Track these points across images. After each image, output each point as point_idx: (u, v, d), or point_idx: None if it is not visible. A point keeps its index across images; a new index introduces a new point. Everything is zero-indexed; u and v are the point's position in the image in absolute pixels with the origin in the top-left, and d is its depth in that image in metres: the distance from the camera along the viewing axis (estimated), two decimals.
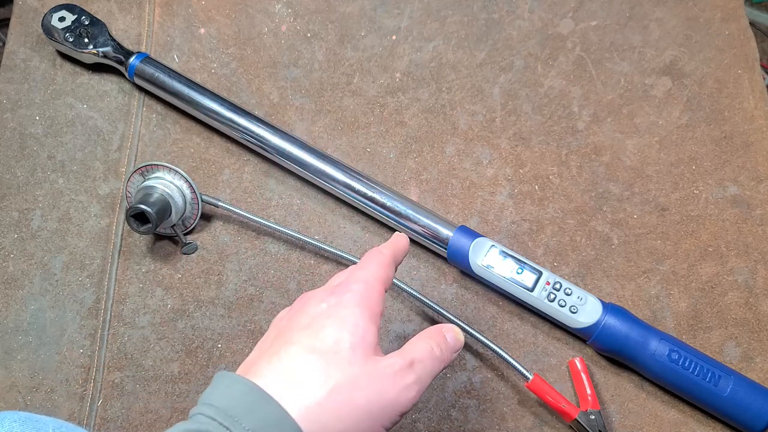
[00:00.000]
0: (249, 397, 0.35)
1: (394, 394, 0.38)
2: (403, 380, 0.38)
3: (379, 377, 0.38)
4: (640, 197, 0.68)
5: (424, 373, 0.40)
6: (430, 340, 0.42)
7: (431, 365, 0.41)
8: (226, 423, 0.34)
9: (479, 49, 0.74)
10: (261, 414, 0.35)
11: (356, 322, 0.39)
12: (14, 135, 0.69)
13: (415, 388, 0.39)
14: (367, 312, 0.40)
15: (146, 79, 0.69)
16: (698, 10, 0.75)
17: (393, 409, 0.38)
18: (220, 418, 0.34)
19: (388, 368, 0.38)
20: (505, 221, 0.67)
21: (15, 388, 0.61)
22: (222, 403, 0.35)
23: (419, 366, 0.40)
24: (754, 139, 0.70)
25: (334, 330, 0.39)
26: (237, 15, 0.75)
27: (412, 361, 0.39)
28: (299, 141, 0.66)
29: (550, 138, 0.70)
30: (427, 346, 0.41)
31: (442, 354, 0.42)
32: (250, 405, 0.35)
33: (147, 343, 0.62)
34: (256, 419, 0.34)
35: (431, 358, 0.41)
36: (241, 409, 0.35)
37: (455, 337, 0.44)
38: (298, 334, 0.39)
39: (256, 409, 0.35)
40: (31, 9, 0.75)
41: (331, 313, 0.40)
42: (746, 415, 0.56)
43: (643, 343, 0.58)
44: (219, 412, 0.35)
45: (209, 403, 0.36)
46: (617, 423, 0.60)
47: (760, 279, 0.65)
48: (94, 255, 0.65)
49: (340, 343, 0.38)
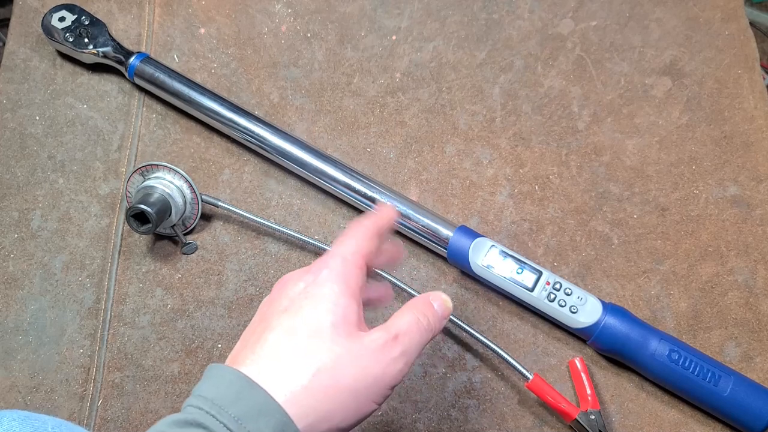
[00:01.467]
0: (236, 385, 0.35)
1: (380, 370, 0.37)
2: (388, 354, 0.38)
3: (363, 354, 0.37)
4: (640, 197, 0.68)
5: (410, 345, 0.39)
6: (416, 311, 0.41)
7: (418, 336, 0.40)
8: (213, 411, 0.34)
9: (479, 49, 0.74)
10: (248, 401, 0.35)
11: (335, 300, 0.38)
12: (14, 135, 0.69)
13: (402, 361, 0.38)
14: (346, 288, 0.39)
15: (146, 79, 0.69)
16: (698, 10, 0.75)
17: (381, 385, 0.38)
18: (207, 407, 0.35)
19: (372, 344, 0.38)
20: (505, 221, 0.67)
21: (15, 388, 0.61)
22: (210, 393, 0.35)
23: (405, 338, 0.39)
24: (754, 139, 0.70)
25: (313, 310, 0.38)
26: (237, 15, 0.75)
27: (397, 334, 0.39)
28: (299, 141, 0.66)
29: (550, 138, 0.70)
30: (413, 317, 0.40)
31: (430, 324, 0.41)
32: (237, 393, 0.35)
33: (147, 343, 0.62)
34: (243, 407, 0.35)
35: (418, 329, 0.40)
36: (228, 398, 0.35)
37: (443, 305, 0.43)
38: (278, 318, 0.39)
39: (242, 397, 0.35)
40: (31, 9, 0.75)
41: (309, 292, 0.39)
42: (746, 415, 0.56)
43: (643, 343, 0.58)
44: (207, 402, 0.35)
45: (199, 394, 0.36)
46: (617, 423, 0.60)
47: (760, 279, 0.65)
48: (94, 255, 0.65)
49: (321, 323, 0.38)
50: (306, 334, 0.37)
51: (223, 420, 0.34)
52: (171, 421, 0.35)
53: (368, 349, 0.38)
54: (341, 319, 0.38)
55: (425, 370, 0.62)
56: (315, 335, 0.37)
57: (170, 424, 0.35)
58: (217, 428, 0.34)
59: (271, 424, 0.34)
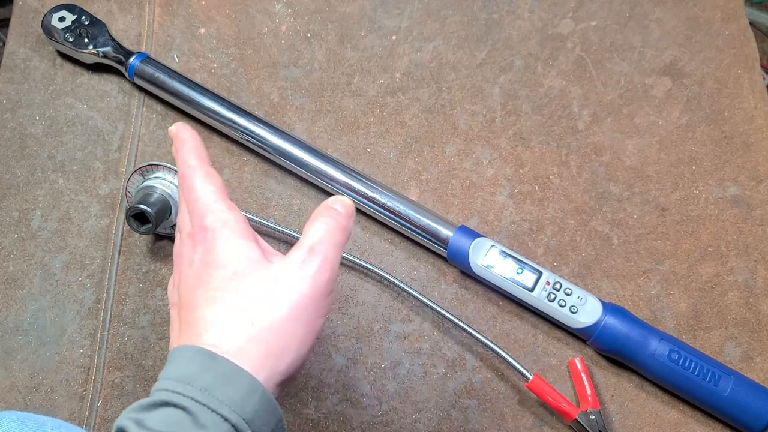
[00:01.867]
0: (196, 360, 0.36)
1: (308, 285, 0.38)
2: (311, 268, 0.38)
3: (287, 279, 0.38)
4: (640, 197, 0.68)
5: (328, 249, 0.39)
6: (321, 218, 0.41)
7: (332, 238, 0.40)
8: (179, 389, 0.34)
9: (479, 49, 0.74)
10: (211, 372, 0.35)
11: (233, 251, 0.39)
12: (14, 135, 0.69)
13: (326, 269, 0.38)
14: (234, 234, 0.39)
15: (146, 79, 0.69)
16: (698, 10, 0.75)
17: (316, 299, 0.38)
18: (172, 387, 0.35)
19: (291, 265, 0.38)
20: (505, 221, 0.67)
21: (15, 388, 0.61)
22: (174, 373, 0.36)
23: (320, 247, 0.39)
24: (754, 139, 0.70)
25: (219, 272, 0.38)
26: (237, 15, 0.75)
27: (311, 245, 0.39)
28: (299, 141, 0.66)
29: (550, 138, 0.70)
30: (320, 224, 0.40)
31: (339, 223, 0.41)
32: (199, 366, 0.35)
33: (147, 343, 0.62)
34: (208, 378, 0.35)
35: (329, 233, 0.40)
36: (192, 373, 0.35)
37: (343, 204, 0.42)
38: (194, 296, 0.39)
39: (205, 368, 0.35)
40: (31, 9, 0.75)
41: (207, 260, 0.39)
42: (746, 415, 0.56)
43: (643, 343, 0.58)
44: (171, 382, 0.35)
45: (164, 377, 0.36)
46: (617, 423, 0.60)
47: (760, 279, 0.65)
48: (94, 255, 0.65)
49: (235, 279, 0.38)
50: (227, 293, 0.37)
51: (190, 394, 0.34)
52: (138, 406, 0.35)
53: (289, 272, 0.38)
54: (247, 263, 0.38)
55: (425, 370, 0.62)
56: (235, 291, 0.37)
57: (137, 409, 0.35)
58: (187, 403, 0.34)
59: (239, 388, 0.35)
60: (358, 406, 0.60)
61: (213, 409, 0.34)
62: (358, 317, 0.63)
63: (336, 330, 0.63)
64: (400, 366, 0.62)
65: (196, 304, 0.38)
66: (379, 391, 0.61)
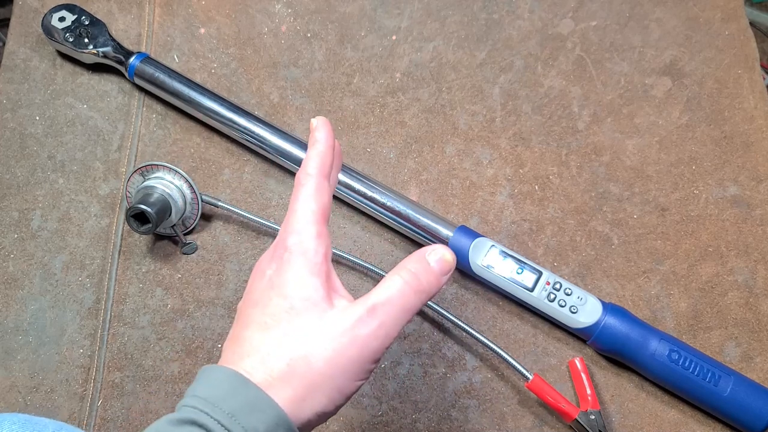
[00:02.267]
0: (227, 383, 0.36)
1: (355, 349, 0.36)
2: (362, 331, 0.36)
3: (335, 334, 0.36)
4: (640, 197, 0.68)
5: (390, 316, 0.36)
6: (404, 273, 0.38)
7: (400, 302, 0.37)
8: (207, 409, 0.34)
9: (479, 49, 0.74)
10: (240, 398, 0.35)
11: (298, 283, 0.37)
12: (14, 135, 0.69)
13: (380, 336, 0.36)
14: (306, 267, 0.38)
15: (146, 79, 0.69)
16: (698, 10, 0.75)
17: (360, 363, 0.36)
18: (201, 405, 0.35)
19: (344, 321, 0.36)
20: (505, 221, 0.67)
21: (15, 388, 0.61)
22: (203, 392, 0.36)
23: (383, 309, 0.36)
24: (754, 139, 0.70)
25: (279, 299, 0.37)
26: (237, 15, 0.75)
27: (374, 305, 0.36)
28: (299, 141, 0.66)
29: (550, 138, 0.70)
30: (399, 282, 0.37)
31: (421, 285, 0.37)
32: (229, 390, 0.35)
33: (147, 343, 0.62)
34: (236, 403, 0.35)
35: (401, 296, 0.37)
36: (220, 395, 0.35)
37: (442, 259, 0.39)
38: (252, 313, 0.38)
39: (235, 393, 0.35)
40: (31, 9, 0.75)
41: (274, 282, 0.38)
42: (746, 415, 0.56)
43: (643, 343, 0.58)
44: (200, 400, 0.35)
45: (192, 394, 0.36)
46: (617, 423, 0.60)
47: (760, 279, 0.65)
48: (94, 255, 0.65)
49: (290, 313, 0.37)
50: (278, 325, 0.37)
51: (216, 417, 0.34)
52: (166, 420, 0.35)
53: (341, 328, 0.36)
54: (305, 302, 0.37)
55: (425, 370, 0.62)
56: (287, 325, 0.37)
57: (165, 424, 0.35)
58: (211, 425, 0.34)
59: (264, 419, 0.34)
60: (358, 406, 0.60)
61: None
62: None
63: None
64: (400, 366, 0.62)
65: (250, 322, 0.38)
66: (379, 391, 0.61)
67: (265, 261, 0.40)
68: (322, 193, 0.40)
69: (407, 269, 0.38)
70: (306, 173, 0.40)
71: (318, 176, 0.40)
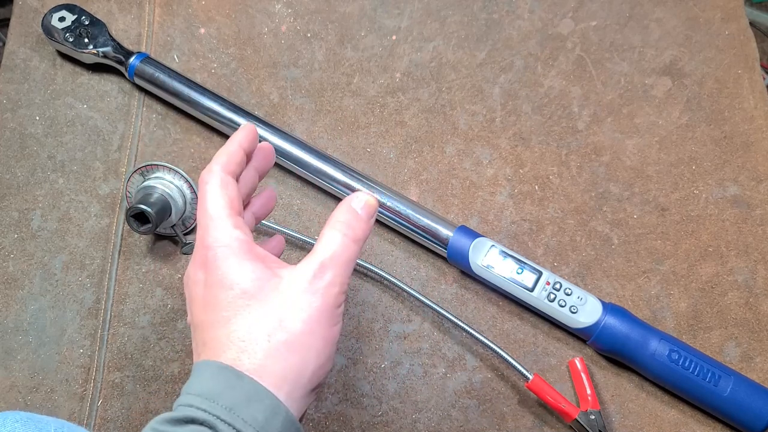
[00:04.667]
0: (221, 377, 0.36)
1: (320, 298, 0.38)
2: (320, 283, 0.38)
3: (297, 295, 0.37)
4: (640, 197, 0.68)
5: (339, 264, 0.39)
6: (339, 226, 0.40)
7: (345, 253, 0.39)
8: (204, 406, 0.34)
9: (479, 49, 0.74)
10: (236, 391, 0.35)
11: (237, 271, 0.38)
12: (14, 135, 0.69)
13: (337, 281, 0.38)
14: (237, 255, 0.38)
15: (146, 79, 0.69)
16: (698, 10, 0.75)
17: (328, 310, 0.38)
18: (198, 403, 0.35)
19: (300, 282, 0.38)
20: (505, 221, 0.67)
21: (15, 388, 0.61)
22: (198, 389, 0.36)
23: (330, 264, 0.38)
24: (754, 139, 0.70)
25: (227, 292, 0.38)
26: (237, 15, 0.75)
27: (322, 263, 0.38)
28: (299, 141, 0.66)
29: (550, 138, 0.70)
30: (336, 237, 0.39)
31: (354, 234, 0.40)
32: (225, 384, 0.35)
33: (147, 343, 0.62)
34: (233, 396, 0.35)
35: (342, 247, 0.39)
36: (216, 390, 0.35)
37: (366, 206, 0.41)
38: (206, 319, 0.38)
39: (231, 386, 0.35)
40: (31, 9, 0.75)
41: (211, 282, 0.38)
42: (746, 415, 0.56)
43: (643, 343, 0.58)
44: (197, 398, 0.35)
45: (188, 392, 0.36)
46: (617, 423, 0.60)
47: (760, 279, 0.65)
48: (94, 255, 0.65)
49: (244, 297, 0.37)
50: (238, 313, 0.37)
51: (215, 413, 0.34)
52: (163, 419, 0.35)
53: (299, 288, 0.38)
54: (256, 281, 0.38)
55: (425, 370, 0.62)
56: (246, 309, 0.37)
57: (162, 422, 0.35)
58: (211, 421, 0.34)
59: (262, 408, 0.35)
60: (358, 406, 0.60)
61: (238, 429, 0.34)
62: (358, 317, 0.63)
63: None
64: (400, 366, 0.62)
65: (209, 326, 0.38)
66: (379, 391, 0.61)
67: (192, 271, 0.40)
68: (228, 187, 0.41)
69: (341, 222, 0.40)
70: (209, 170, 0.41)
71: (220, 172, 0.41)
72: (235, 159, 0.42)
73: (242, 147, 0.43)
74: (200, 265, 0.39)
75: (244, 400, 0.35)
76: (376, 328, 0.63)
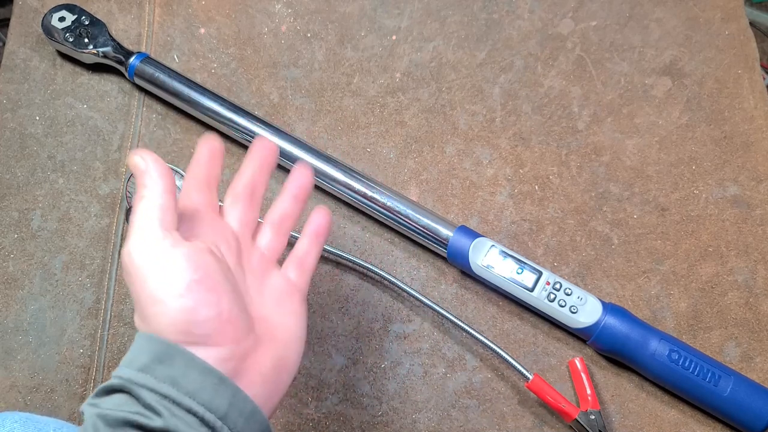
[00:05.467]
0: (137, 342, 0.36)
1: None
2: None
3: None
4: (640, 197, 0.68)
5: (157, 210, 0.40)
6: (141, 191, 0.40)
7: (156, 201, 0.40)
8: (119, 373, 0.34)
9: (479, 49, 0.74)
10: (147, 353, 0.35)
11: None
12: (14, 135, 0.69)
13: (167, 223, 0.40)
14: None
15: (146, 79, 0.69)
16: (698, 10, 0.75)
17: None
18: (117, 372, 0.35)
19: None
20: (505, 221, 0.67)
21: (15, 388, 0.61)
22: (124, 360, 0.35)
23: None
24: (754, 139, 0.70)
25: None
26: (237, 15, 0.75)
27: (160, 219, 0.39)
28: (299, 141, 0.66)
29: (550, 138, 0.70)
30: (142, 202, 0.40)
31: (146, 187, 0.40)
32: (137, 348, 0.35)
33: None
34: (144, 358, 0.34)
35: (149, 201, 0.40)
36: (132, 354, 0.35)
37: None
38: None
39: (142, 350, 0.35)
40: (31, 9, 0.75)
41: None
42: (746, 415, 0.56)
43: (643, 343, 0.58)
44: (119, 369, 0.35)
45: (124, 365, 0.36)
46: (617, 423, 0.60)
47: (760, 279, 0.65)
48: (94, 255, 0.65)
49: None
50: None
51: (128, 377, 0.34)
52: (94, 393, 0.35)
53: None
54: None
55: (425, 370, 0.62)
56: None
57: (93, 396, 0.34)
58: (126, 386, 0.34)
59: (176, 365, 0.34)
60: (358, 406, 0.60)
61: (152, 388, 0.33)
62: (358, 317, 0.63)
63: (336, 330, 0.63)
64: (400, 366, 0.62)
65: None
66: (379, 391, 0.61)
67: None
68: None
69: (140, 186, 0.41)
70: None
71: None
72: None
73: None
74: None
75: (156, 359, 0.34)
76: (376, 328, 0.63)
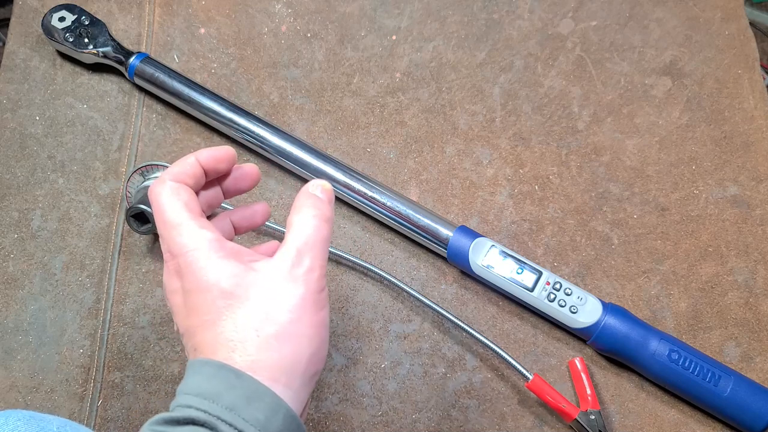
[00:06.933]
0: (219, 376, 0.35)
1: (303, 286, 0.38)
2: (300, 270, 0.38)
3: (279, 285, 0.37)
4: (640, 197, 0.68)
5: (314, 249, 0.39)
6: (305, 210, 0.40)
7: (319, 236, 0.39)
8: (203, 407, 0.34)
9: (479, 49, 0.74)
10: (236, 390, 0.35)
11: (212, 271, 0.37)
12: (14, 135, 0.69)
13: (317, 265, 0.38)
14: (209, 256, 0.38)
15: (146, 79, 0.69)
16: (698, 10, 0.75)
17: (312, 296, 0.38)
18: (196, 403, 0.34)
19: (280, 272, 0.38)
20: (505, 221, 0.67)
21: (15, 388, 0.61)
22: (196, 389, 0.35)
23: (307, 248, 0.39)
24: (754, 139, 0.70)
25: (205, 295, 0.37)
26: (237, 15, 0.75)
27: (299, 249, 0.38)
28: (299, 141, 0.66)
29: (550, 138, 0.70)
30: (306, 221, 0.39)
31: (323, 214, 0.40)
32: (223, 384, 0.35)
33: (147, 343, 0.62)
34: (232, 396, 0.34)
35: (315, 230, 0.39)
36: (216, 389, 0.35)
37: (324, 189, 0.42)
38: (191, 325, 0.38)
39: (229, 386, 0.35)
40: (31, 9, 0.75)
41: (189, 288, 0.38)
42: (746, 415, 0.56)
43: (643, 343, 0.58)
44: (196, 399, 0.35)
45: (186, 392, 0.35)
46: (617, 423, 0.60)
47: (760, 279, 0.65)
48: (94, 255, 0.65)
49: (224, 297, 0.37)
50: (221, 314, 0.37)
51: (216, 413, 0.34)
52: (161, 419, 0.34)
53: (280, 278, 0.38)
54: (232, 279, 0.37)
55: (425, 370, 0.62)
56: (228, 309, 0.37)
57: (160, 423, 0.34)
58: (212, 421, 0.34)
59: (263, 407, 0.34)
60: (358, 406, 0.60)
61: (240, 429, 0.33)
62: (358, 317, 0.63)
63: (336, 330, 0.63)
64: (400, 366, 0.62)
65: (194, 332, 0.38)
66: (379, 391, 0.61)
67: (167, 280, 0.40)
68: (180, 192, 0.40)
69: (306, 206, 0.40)
70: (160, 181, 0.41)
71: (170, 181, 0.41)
72: (189, 171, 0.42)
73: (199, 161, 0.43)
74: (174, 274, 0.39)
75: (244, 399, 0.34)
76: (376, 328, 0.63)
